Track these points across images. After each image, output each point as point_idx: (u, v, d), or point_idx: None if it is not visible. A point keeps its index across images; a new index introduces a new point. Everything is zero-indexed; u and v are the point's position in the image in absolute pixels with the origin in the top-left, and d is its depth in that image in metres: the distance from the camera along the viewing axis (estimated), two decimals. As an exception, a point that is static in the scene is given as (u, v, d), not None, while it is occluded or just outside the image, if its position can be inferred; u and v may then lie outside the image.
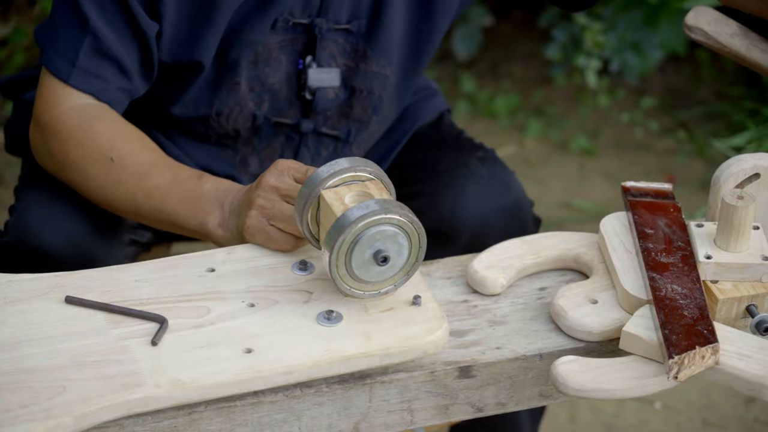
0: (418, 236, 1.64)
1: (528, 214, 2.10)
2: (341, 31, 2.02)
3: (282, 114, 2.07)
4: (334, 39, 2.02)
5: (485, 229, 2.03)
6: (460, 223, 2.02)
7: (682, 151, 3.70)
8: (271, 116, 2.05)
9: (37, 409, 1.49)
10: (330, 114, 2.08)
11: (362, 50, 2.05)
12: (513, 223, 2.07)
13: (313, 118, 2.08)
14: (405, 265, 1.65)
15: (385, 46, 2.05)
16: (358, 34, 2.03)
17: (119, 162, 1.85)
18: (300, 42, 2.02)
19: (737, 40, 1.87)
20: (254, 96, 2.03)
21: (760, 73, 1.88)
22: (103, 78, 1.90)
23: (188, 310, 1.65)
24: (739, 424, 2.82)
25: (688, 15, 1.88)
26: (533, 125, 3.77)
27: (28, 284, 1.68)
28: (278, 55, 2.01)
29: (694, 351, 1.57)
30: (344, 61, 2.05)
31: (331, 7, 1.99)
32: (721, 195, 1.74)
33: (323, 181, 1.67)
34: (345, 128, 2.10)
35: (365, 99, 2.08)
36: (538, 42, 3.98)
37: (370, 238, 1.61)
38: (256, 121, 2.04)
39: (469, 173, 2.08)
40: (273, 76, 2.02)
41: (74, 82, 1.89)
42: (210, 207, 1.80)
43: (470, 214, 2.03)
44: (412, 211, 1.64)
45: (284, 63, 2.02)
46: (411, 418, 1.69)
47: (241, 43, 1.97)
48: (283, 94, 2.05)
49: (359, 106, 2.09)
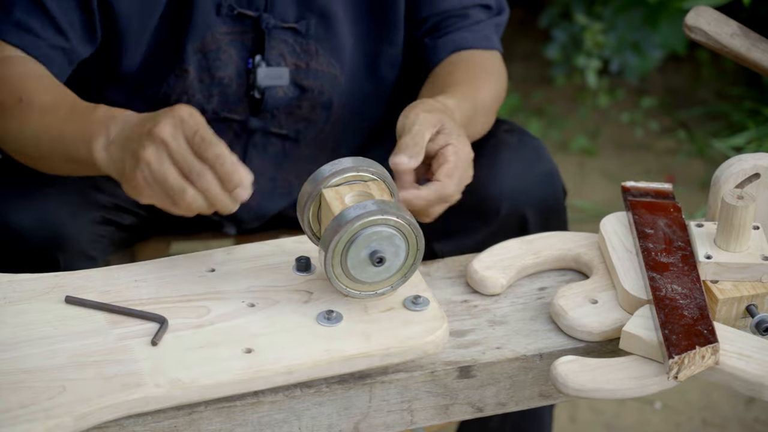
0: (416, 238, 1.63)
1: (559, 182, 2.09)
2: (289, 30, 2.02)
3: (231, 110, 2.06)
4: (283, 38, 2.03)
5: (523, 197, 2.01)
6: (499, 193, 2.00)
7: (682, 151, 3.70)
8: (220, 111, 2.05)
9: (37, 409, 1.49)
10: (278, 113, 2.08)
11: (313, 49, 2.04)
12: (547, 190, 2.05)
13: (261, 116, 2.07)
14: (402, 267, 1.65)
15: (335, 46, 2.05)
16: (307, 33, 2.03)
17: (27, 102, 1.84)
18: (249, 37, 2.02)
19: (737, 40, 1.87)
20: (203, 88, 2.03)
21: (760, 73, 1.88)
22: (35, 33, 1.90)
23: (188, 310, 1.65)
24: (739, 424, 2.82)
25: (688, 15, 1.88)
26: (533, 125, 3.77)
27: (28, 284, 1.68)
28: (227, 48, 2.01)
29: (694, 351, 1.57)
30: (294, 60, 2.05)
31: (276, 3, 2.00)
32: (721, 195, 1.74)
33: (325, 180, 1.67)
34: (294, 127, 2.10)
35: (315, 98, 2.08)
36: (538, 42, 3.98)
37: (366, 238, 1.61)
38: (204, 114, 2.03)
39: (499, 143, 2.06)
40: (223, 70, 2.02)
41: (4, 35, 1.90)
42: (97, 129, 1.74)
43: (507, 183, 2.01)
44: (410, 214, 1.64)
45: (234, 58, 2.02)
46: (411, 418, 1.69)
47: (185, 25, 1.97)
48: (233, 90, 2.04)
49: (308, 106, 2.08)
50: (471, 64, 2.08)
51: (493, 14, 2.13)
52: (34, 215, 1.91)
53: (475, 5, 2.11)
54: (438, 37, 2.10)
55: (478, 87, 2.02)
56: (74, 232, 1.95)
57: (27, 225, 1.90)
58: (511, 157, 2.04)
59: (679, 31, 3.71)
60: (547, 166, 2.08)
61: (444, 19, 2.10)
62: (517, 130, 2.11)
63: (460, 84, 1.99)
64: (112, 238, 2.07)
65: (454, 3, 2.09)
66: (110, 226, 2.05)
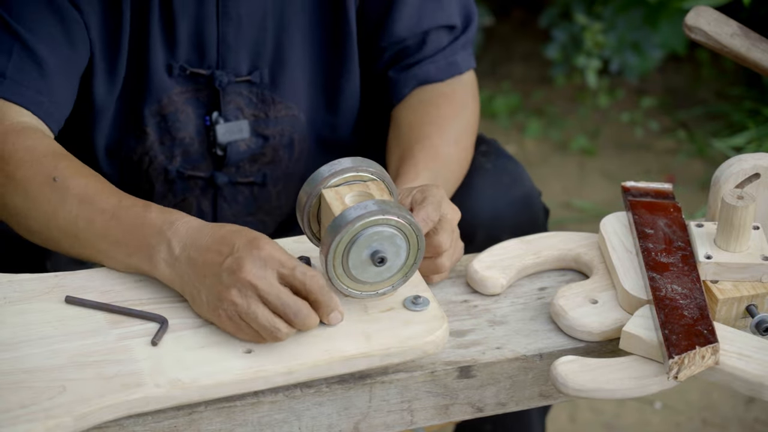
0: (417, 238, 1.63)
1: (538, 204, 2.07)
2: (244, 83, 2.00)
3: (195, 168, 2.04)
4: (238, 91, 2.00)
5: (498, 224, 2.00)
6: (473, 220, 1.98)
7: (682, 151, 3.70)
8: (184, 170, 2.03)
9: (37, 409, 1.49)
10: (243, 163, 2.05)
11: (269, 98, 2.02)
12: (524, 214, 2.03)
13: (226, 170, 2.04)
14: (403, 267, 1.65)
15: (292, 90, 2.02)
16: (262, 84, 2.01)
17: (62, 183, 1.74)
18: (204, 95, 1.99)
19: (737, 40, 1.87)
20: (164, 149, 2.00)
21: (760, 73, 1.88)
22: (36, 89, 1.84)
23: (188, 310, 1.65)
24: (739, 424, 2.82)
25: (688, 15, 1.88)
26: (533, 125, 3.76)
27: (28, 284, 1.68)
28: (184, 108, 1.98)
29: (694, 351, 1.57)
30: (252, 111, 2.02)
31: (228, 59, 1.97)
32: (721, 195, 1.74)
33: (325, 180, 1.67)
34: (259, 173, 2.07)
35: (277, 143, 2.05)
36: (538, 42, 3.98)
37: (367, 238, 1.61)
38: (168, 175, 2.02)
39: (474, 168, 2.04)
40: (183, 130, 2.00)
41: (8, 95, 1.82)
42: (157, 240, 1.67)
43: (481, 210, 2.00)
44: (411, 213, 1.63)
45: (192, 117, 2.00)
46: (411, 418, 1.69)
47: (142, 89, 1.95)
48: (195, 149, 2.02)
49: (271, 151, 2.05)
50: (433, 106, 2.03)
51: (458, 33, 2.07)
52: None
53: (436, 27, 2.05)
54: (400, 70, 2.05)
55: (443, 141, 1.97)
56: None
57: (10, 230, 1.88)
58: (485, 182, 2.02)
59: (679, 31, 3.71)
60: (524, 189, 2.05)
61: (403, 49, 2.05)
62: (494, 152, 2.08)
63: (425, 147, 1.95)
64: None
65: (411, 29, 2.03)
66: None
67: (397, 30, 2.04)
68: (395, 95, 2.07)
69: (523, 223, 1.98)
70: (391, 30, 2.03)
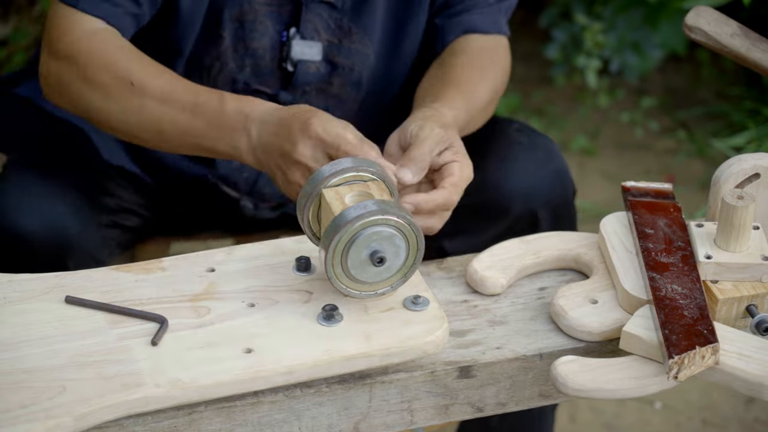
0: (416, 238, 1.63)
1: (569, 180, 2.09)
2: (326, 5, 2.02)
3: (262, 82, 2.06)
4: (319, 12, 2.02)
5: (534, 196, 2.01)
6: (509, 193, 2.00)
7: (682, 151, 3.70)
8: (252, 83, 2.05)
9: (37, 409, 1.49)
10: (309, 89, 2.07)
11: (346, 26, 2.04)
12: (558, 188, 2.05)
13: (291, 90, 2.07)
14: (402, 267, 1.65)
15: (369, 24, 2.05)
16: (343, 9, 2.03)
17: (139, 86, 1.84)
18: (286, 10, 2.01)
19: (737, 40, 1.87)
20: (237, 57, 2.02)
21: (760, 73, 1.88)
22: (112, 2, 1.90)
23: (188, 310, 1.65)
24: (739, 424, 2.82)
25: (688, 15, 1.88)
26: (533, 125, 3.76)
27: (28, 284, 1.68)
28: (264, 20, 2.00)
29: (694, 351, 1.57)
30: (327, 36, 2.04)
31: None
32: (721, 195, 1.74)
33: (325, 180, 1.67)
34: (323, 104, 2.09)
35: (346, 76, 2.07)
36: (538, 42, 3.98)
37: (366, 238, 1.61)
38: (235, 84, 2.04)
39: (510, 143, 2.06)
40: (258, 41, 2.01)
41: (83, 6, 1.89)
42: (238, 132, 1.80)
43: (518, 183, 2.02)
44: (410, 213, 1.64)
45: (270, 30, 2.01)
46: (411, 418, 1.69)
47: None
48: (266, 62, 2.04)
49: (339, 83, 2.08)
50: (474, 56, 2.06)
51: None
52: (41, 220, 1.91)
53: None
54: (448, 17, 2.08)
55: (475, 87, 2.01)
56: (82, 236, 1.94)
57: (34, 230, 1.90)
58: (522, 156, 2.04)
59: (679, 31, 3.71)
60: (558, 164, 2.08)
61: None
62: (527, 129, 2.11)
63: (459, 84, 1.99)
64: (119, 241, 2.07)
65: None
66: (116, 229, 2.05)
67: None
68: (440, 41, 2.10)
69: (556, 198, 2.00)
70: None
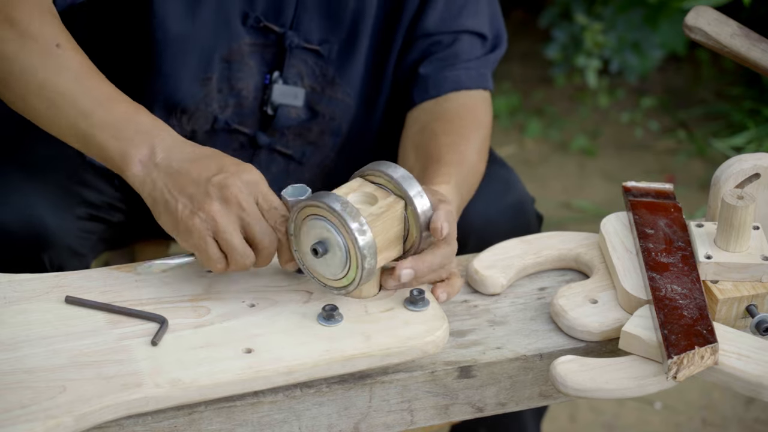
0: (360, 260, 1.61)
1: (531, 211, 2.08)
2: (311, 52, 2.02)
3: (242, 122, 2.05)
4: (304, 59, 2.02)
5: (490, 230, 2.00)
6: (465, 226, 1.98)
7: (682, 151, 3.70)
8: (231, 122, 2.04)
9: (37, 409, 1.49)
10: (288, 132, 2.07)
11: (330, 76, 2.04)
12: (517, 221, 2.04)
13: (270, 133, 2.06)
14: (342, 278, 1.63)
15: (352, 74, 2.04)
16: (329, 58, 2.03)
17: (64, 52, 1.75)
18: (270, 52, 2.01)
19: (737, 40, 1.87)
20: (221, 98, 2.01)
21: (760, 73, 1.88)
22: None
23: (188, 310, 1.65)
24: (739, 424, 2.82)
25: (688, 15, 1.88)
26: (533, 125, 3.77)
27: (28, 284, 1.68)
28: (248, 60, 2.00)
29: (693, 351, 1.57)
30: (311, 82, 2.04)
31: (303, 22, 1.99)
32: (721, 195, 1.74)
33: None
34: (300, 149, 2.09)
35: (326, 124, 2.07)
36: (538, 42, 3.98)
37: (313, 225, 1.61)
38: (215, 124, 2.03)
39: None
40: (242, 81, 2.01)
41: None
42: (140, 139, 1.68)
43: (474, 216, 2.00)
44: (363, 239, 1.60)
45: (254, 71, 2.01)
46: (411, 418, 1.69)
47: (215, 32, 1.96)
48: (248, 103, 2.03)
49: (318, 130, 2.08)
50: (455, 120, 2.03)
51: (487, 49, 2.09)
52: (14, 210, 1.88)
53: (468, 32, 2.06)
54: (434, 69, 2.05)
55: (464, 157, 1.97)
56: (58, 227, 1.91)
57: (7, 220, 1.88)
58: (478, 189, 2.01)
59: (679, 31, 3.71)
60: (517, 196, 2.06)
61: (435, 43, 2.05)
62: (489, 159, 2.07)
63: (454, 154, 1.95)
64: (102, 236, 2.06)
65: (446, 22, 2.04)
66: (99, 223, 2.04)
67: (430, 23, 2.04)
68: (422, 93, 2.06)
69: (516, 230, 1.98)
70: (424, 22, 2.04)
